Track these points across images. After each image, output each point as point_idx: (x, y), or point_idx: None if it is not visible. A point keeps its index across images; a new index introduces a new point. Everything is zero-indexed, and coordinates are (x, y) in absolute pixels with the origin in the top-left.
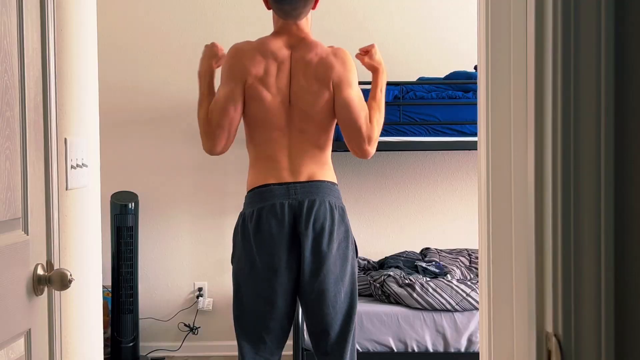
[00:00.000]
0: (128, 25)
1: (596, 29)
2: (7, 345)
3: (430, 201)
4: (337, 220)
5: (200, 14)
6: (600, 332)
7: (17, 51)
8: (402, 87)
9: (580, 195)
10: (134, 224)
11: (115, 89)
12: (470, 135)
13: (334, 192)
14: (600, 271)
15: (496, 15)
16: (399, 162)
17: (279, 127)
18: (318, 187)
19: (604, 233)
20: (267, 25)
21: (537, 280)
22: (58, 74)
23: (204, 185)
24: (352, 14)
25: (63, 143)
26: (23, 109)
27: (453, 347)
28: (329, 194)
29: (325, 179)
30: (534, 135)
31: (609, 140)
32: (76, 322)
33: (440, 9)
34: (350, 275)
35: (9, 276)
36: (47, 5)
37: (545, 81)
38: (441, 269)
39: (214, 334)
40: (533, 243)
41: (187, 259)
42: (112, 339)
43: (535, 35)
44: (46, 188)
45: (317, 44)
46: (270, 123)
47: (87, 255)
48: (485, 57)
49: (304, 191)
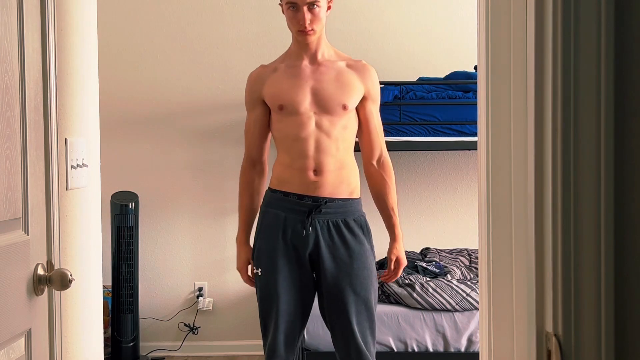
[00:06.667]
0: (129, 25)
1: (596, 29)
2: (7, 345)
3: (430, 201)
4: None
5: (200, 14)
6: (600, 332)
7: (18, 51)
8: (402, 87)
9: (580, 195)
10: (134, 224)
11: (116, 89)
12: (470, 135)
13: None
14: (600, 271)
15: (496, 15)
16: (399, 162)
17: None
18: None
19: (604, 233)
20: (267, 25)
21: (537, 280)
22: (58, 74)
23: (204, 185)
24: (352, 14)
25: (63, 143)
26: (23, 109)
27: (453, 347)
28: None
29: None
30: (534, 135)
31: (609, 140)
32: (76, 322)
33: (441, 9)
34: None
35: (9, 276)
36: (47, 5)
37: (545, 81)
38: (441, 269)
39: (214, 334)
40: (533, 243)
41: (187, 259)
42: (112, 338)
43: (535, 35)
44: (46, 188)
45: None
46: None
47: (88, 255)
48: (485, 57)
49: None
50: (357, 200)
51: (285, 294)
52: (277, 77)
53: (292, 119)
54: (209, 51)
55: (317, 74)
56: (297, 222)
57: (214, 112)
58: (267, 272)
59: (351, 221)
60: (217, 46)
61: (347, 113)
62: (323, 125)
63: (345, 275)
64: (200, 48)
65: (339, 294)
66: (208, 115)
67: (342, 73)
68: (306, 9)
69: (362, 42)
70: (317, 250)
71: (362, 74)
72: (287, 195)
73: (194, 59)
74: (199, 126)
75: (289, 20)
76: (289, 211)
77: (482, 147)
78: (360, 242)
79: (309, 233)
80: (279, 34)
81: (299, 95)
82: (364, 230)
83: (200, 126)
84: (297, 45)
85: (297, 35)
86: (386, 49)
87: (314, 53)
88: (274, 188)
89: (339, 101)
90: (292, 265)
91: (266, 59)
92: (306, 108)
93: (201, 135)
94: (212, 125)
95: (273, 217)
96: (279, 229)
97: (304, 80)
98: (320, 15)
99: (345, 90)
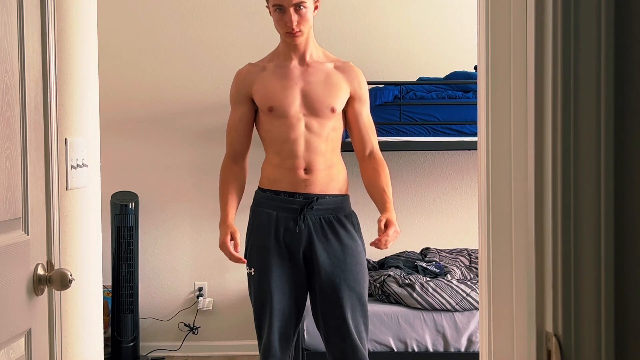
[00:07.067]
0: (129, 25)
1: (596, 29)
2: (7, 345)
3: (430, 201)
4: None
5: (200, 14)
6: (600, 332)
7: (18, 51)
8: (402, 87)
9: (580, 195)
10: (134, 224)
11: (116, 89)
12: (470, 135)
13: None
14: (600, 271)
15: (496, 15)
16: (399, 162)
17: None
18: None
19: (604, 233)
20: (267, 25)
21: (537, 280)
22: (58, 74)
23: (204, 185)
24: (352, 14)
25: (63, 143)
26: (23, 109)
27: (453, 347)
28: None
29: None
30: (534, 135)
31: (609, 140)
32: (76, 322)
33: (441, 9)
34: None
35: (9, 276)
36: (47, 5)
37: (545, 81)
38: (441, 269)
39: (214, 334)
40: (533, 243)
41: (187, 259)
42: (112, 338)
43: (535, 35)
44: (46, 188)
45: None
46: None
47: (88, 255)
48: (485, 57)
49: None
50: (347, 197)
51: (278, 293)
52: (266, 77)
53: (282, 121)
54: (209, 51)
55: (306, 75)
56: (289, 220)
57: (214, 112)
58: (260, 272)
59: (343, 217)
60: (217, 46)
61: (335, 115)
62: (312, 127)
63: (340, 271)
64: (200, 48)
65: (334, 290)
66: (208, 115)
67: (330, 75)
68: (293, 10)
69: (362, 42)
70: (311, 247)
71: (348, 75)
72: (277, 194)
73: (194, 59)
74: (199, 126)
75: (276, 22)
76: (281, 209)
77: (482, 147)
78: (352, 238)
79: (302, 230)
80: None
81: (289, 98)
82: (355, 227)
83: (200, 126)
84: (285, 46)
85: (285, 37)
86: (386, 49)
87: (303, 54)
88: (264, 187)
89: (327, 104)
90: (285, 264)
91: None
92: (296, 110)
93: (201, 135)
94: (212, 125)
95: (264, 216)
96: (270, 227)
97: (293, 81)
98: (308, 16)
99: (334, 92)
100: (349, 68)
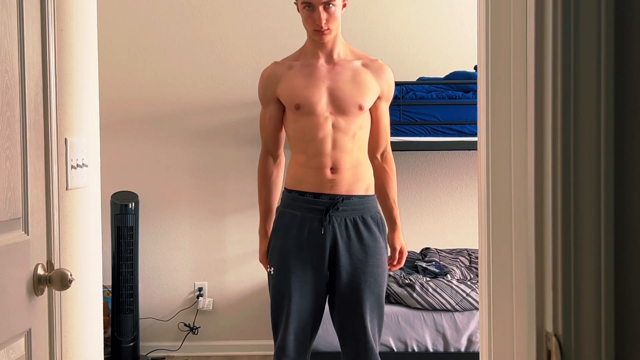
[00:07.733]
0: (129, 25)
1: (596, 29)
2: (7, 345)
3: (430, 201)
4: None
5: (200, 14)
6: (600, 332)
7: (17, 51)
8: (402, 87)
9: (580, 195)
10: (134, 224)
11: (116, 89)
12: (470, 135)
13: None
14: (600, 271)
15: (496, 15)
16: (399, 162)
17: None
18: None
19: (604, 233)
20: (267, 25)
21: (537, 280)
22: (58, 74)
23: (204, 185)
24: (352, 14)
25: (63, 143)
26: (23, 109)
27: (453, 347)
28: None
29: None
30: (534, 135)
31: (609, 140)
32: (76, 322)
33: (440, 9)
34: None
35: (9, 276)
36: (47, 5)
37: (545, 81)
38: (441, 269)
39: (214, 334)
40: (533, 243)
41: (187, 259)
42: (112, 338)
43: (535, 35)
44: (46, 188)
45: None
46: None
47: (87, 255)
48: (485, 57)
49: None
50: (373, 197)
51: (297, 295)
52: (292, 76)
53: (309, 119)
54: (209, 51)
55: (333, 73)
56: (314, 220)
57: (214, 112)
58: (280, 272)
59: (368, 218)
60: (217, 46)
61: (363, 113)
62: (340, 125)
63: (360, 273)
64: (200, 48)
65: (354, 291)
66: (208, 115)
67: (358, 73)
68: (322, 8)
69: (362, 42)
70: (335, 248)
71: (377, 74)
72: (303, 195)
73: (194, 59)
74: (199, 126)
75: (305, 19)
76: (306, 210)
77: (482, 147)
78: (375, 239)
79: (328, 231)
80: (279, 34)
81: (316, 95)
82: (380, 228)
83: (200, 126)
84: (312, 44)
85: (313, 35)
86: (386, 49)
87: (330, 52)
88: (289, 188)
89: (355, 102)
90: (307, 267)
91: (266, 58)
92: (323, 108)
93: (201, 135)
94: (212, 125)
95: (289, 217)
96: (294, 229)
97: (320, 79)
98: (336, 14)
99: (361, 90)
100: (378, 66)
